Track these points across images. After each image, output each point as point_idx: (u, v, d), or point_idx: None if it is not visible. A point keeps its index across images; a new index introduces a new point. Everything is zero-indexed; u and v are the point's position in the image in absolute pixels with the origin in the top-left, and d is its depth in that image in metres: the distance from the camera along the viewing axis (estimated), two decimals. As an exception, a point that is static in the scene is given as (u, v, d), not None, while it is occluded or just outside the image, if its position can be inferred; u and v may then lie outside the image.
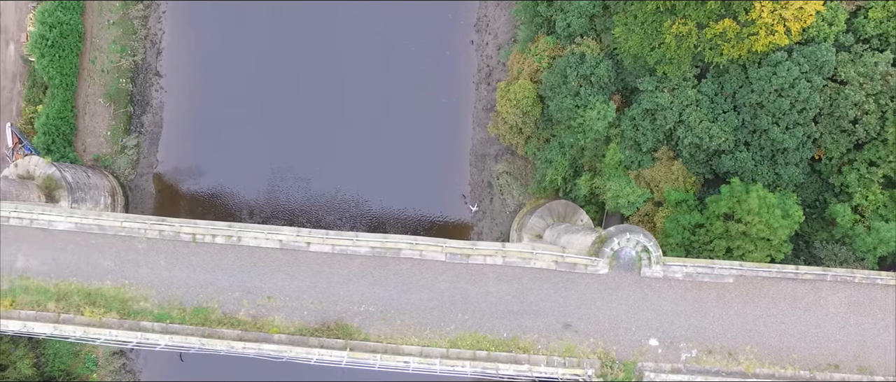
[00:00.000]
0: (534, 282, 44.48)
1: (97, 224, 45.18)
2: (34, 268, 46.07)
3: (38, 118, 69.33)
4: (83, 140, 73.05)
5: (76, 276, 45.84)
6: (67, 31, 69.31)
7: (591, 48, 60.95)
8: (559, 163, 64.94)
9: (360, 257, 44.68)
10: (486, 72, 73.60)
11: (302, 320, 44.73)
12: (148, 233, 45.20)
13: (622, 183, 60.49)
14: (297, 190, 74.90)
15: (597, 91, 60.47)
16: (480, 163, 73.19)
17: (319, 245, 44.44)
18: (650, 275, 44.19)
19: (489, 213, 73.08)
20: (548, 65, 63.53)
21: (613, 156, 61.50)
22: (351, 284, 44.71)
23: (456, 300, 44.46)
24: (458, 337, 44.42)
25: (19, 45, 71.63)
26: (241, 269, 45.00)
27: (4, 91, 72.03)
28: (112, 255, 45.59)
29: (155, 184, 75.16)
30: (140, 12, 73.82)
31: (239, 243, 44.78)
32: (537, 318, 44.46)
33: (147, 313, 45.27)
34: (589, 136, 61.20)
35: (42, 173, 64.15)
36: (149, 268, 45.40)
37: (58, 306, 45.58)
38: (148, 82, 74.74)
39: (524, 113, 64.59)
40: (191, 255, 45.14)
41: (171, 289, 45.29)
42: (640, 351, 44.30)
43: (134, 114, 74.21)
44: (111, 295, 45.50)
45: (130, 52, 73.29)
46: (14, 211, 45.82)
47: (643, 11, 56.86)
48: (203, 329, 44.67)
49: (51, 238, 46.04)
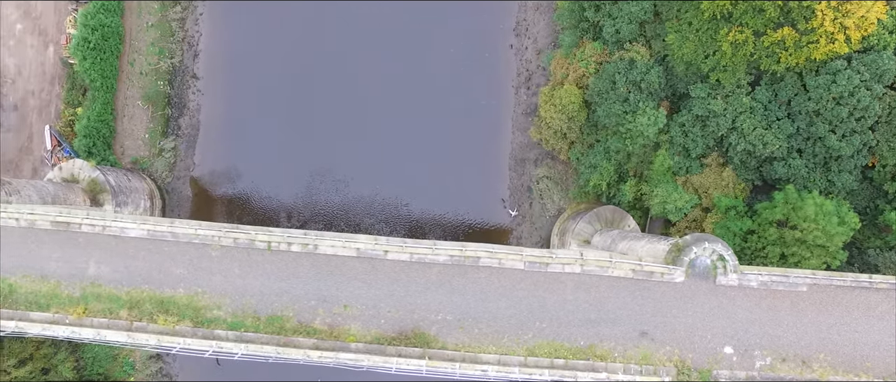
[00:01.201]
0: (611, 290, 44.58)
1: (170, 231, 44.85)
2: (106, 276, 45.67)
3: (79, 121, 68.73)
4: (122, 143, 72.50)
5: (148, 284, 45.47)
6: (109, 34, 68.77)
7: (640, 54, 61.07)
8: (604, 169, 65.03)
9: (439, 265, 44.62)
10: (525, 76, 73.64)
11: (379, 329, 44.59)
12: (222, 241, 44.89)
13: (670, 188, 60.71)
14: (334, 193, 74.66)
15: (646, 97, 60.63)
16: (520, 167, 73.21)
17: (397, 253, 44.32)
18: (725, 284, 44.41)
19: (528, 218, 73.17)
20: (594, 70, 63.61)
21: (662, 162, 61.69)
22: (429, 293, 44.61)
23: (534, 308, 44.48)
24: (535, 346, 44.45)
25: (59, 48, 70.97)
26: (316, 278, 44.78)
27: (43, 93, 71.38)
28: (185, 263, 45.25)
29: (192, 187, 74.72)
30: (178, 14, 73.29)
31: (315, 251, 44.58)
32: (614, 326, 44.56)
33: (221, 322, 44.96)
34: (637, 142, 61.35)
35: (86, 176, 63.69)
36: (222, 276, 45.10)
37: (130, 314, 45.21)
38: (185, 84, 74.24)
39: (570, 118, 64.64)
40: (265, 263, 44.88)
41: (245, 298, 45.01)
42: (715, 359, 44.51)
43: (171, 117, 73.71)
44: (184, 303, 45.16)
45: (168, 54, 72.78)
46: (86, 218, 45.41)
47: (699, 19, 57.07)
48: (278, 338, 44.42)
49: (123, 245, 45.65)
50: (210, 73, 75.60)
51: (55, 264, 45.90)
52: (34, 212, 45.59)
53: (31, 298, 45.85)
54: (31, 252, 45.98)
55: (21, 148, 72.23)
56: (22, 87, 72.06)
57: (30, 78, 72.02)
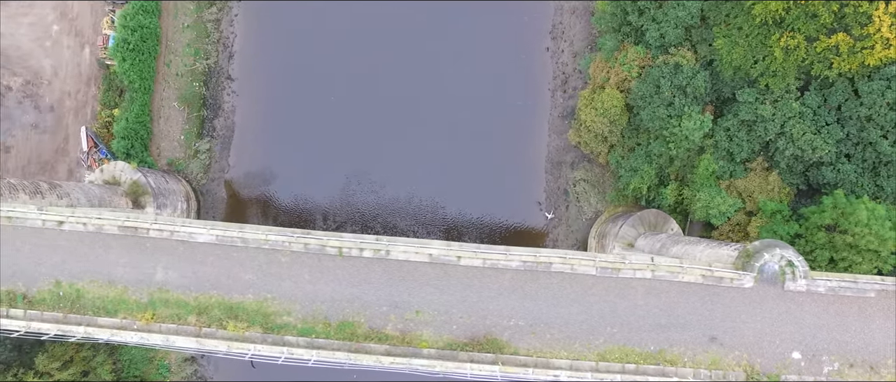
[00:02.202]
0: (680, 296, 44.80)
1: (240, 237, 44.67)
2: (174, 281, 45.43)
3: (117, 122, 68.32)
4: (158, 144, 72.13)
5: (217, 290, 45.26)
6: (147, 35, 68.44)
7: (686, 59, 61.30)
8: (645, 172, 65.25)
9: (511, 271, 44.69)
10: (561, 79, 73.79)
11: (451, 334, 44.61)
12: (292, 246, 44.77)
13: (713, 192, 61.02)
14: (370, 195, 74.62)
15: (691, 101, 60.91)
16: (556, 170, 73.38)
17: (470, 259, 44.35)
18: (793, 289, 44.72)
19: (565, 221, 73.36)
20: (637, 74, 63.80)
21: (707, 166, 61.96)
22: (501, 298, 44.67)
23: (605, 313, 44.64)
24: (606, 351, 44.62)
25: (95, 49, 70.55)
26: (388, 283, 44.73)
27: (79, 94, 70.91)
28: (254, 268, 45.09)
29: (226, 189, 74.49)
30: (213, 15, 72.99)
31: (387, 257, 44.53)
32: (684, 331, 44.79)
33: (291, 327, 44.83)
34: (682, 146, 61.60)
35: (128, 179, 63.39)
36: (292, 282, 44.96)
37: (199, 320, 45.02)
38: (220, 86, 73.96)
39: (611, 121, 64.85)
40: (336, 269, 44.79)
41: (315, 304, 44.90)
42: (783, 364, 44.82)
43: (206, 118, 73.41)
44: (253, 309, 45.01)
45: (204, 55, 72.47)
46: (154, 223, 45.16)
47: (749, 24, 57.41)
48: (350, 345, 44.35)
49: (191, 250, 45.43)
50: (245, 75, 75.34)
51: (122, 269, 45.60)
52: (101, 217, 45.29)
53: (99, 304, 45.54)
54: (98, 257, 45.67)
55: (57, 149, 71.72)
56: (58, 88, 71.52)
57: (66, 79, 71.52)
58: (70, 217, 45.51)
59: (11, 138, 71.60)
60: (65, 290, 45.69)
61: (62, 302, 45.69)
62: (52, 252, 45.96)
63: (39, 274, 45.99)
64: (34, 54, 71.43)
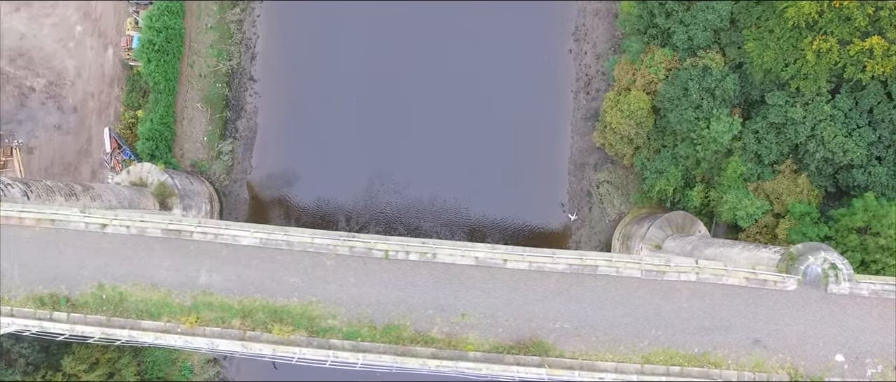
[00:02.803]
0: (724, 298, 44.94)
1: (285, 240, 44.58)
2: (217, 284, 45.30)
3: (141, 124, 68.08)
4: (181, 145, 71.93)
5: (261, 293, 45.16)
6: (172, 36, 68.28)
7: (715, 61, 61.45)
8: (671, 174, 65.43)
9: (557, 274, 44.75)
10: (584, 81, 73.92)
11: (497, 337, 44.64)
12: (338, 250, 44.69)
13: (741, 194, 61.24)
14: (393, 195, 74.60)
15: (719, 104, 61.09)
16: (579, 171, 73.51)
17: (517, 262, 44.39)
18: (837, 292, 44.89)
19: (588, 222, 73.49)
20: (664, 76, 63.89)
21: (735, 168, 62.14)
22: (547, 301, 44.71)
23: (650, 316, 44.74)
24: (651, 353, 44.73)
25: (119, 50, 70.28)
26: (434, 286, 44.71)
27: (102, 95, 70.64)
28: (299, 272, 44.98)
29: (249, 190, 74.31)
30: (236, 16, 72.85)
31: (433, 260, 44.51)
32: (727, 334, 44.93)
33: (336, 331, 44.77)
34: (710, 149, 61.77)
35: (155, 180, 63.20)
36: (337, 285, 44.89)
37: (243, 323, 44.91)
38: (243, 87, 73.82)
39: (638, 123, 64.99)
40: (382, 272, 44.74)
41: (360, 307, 44.85)
42: (826, 367, 45.01)
43: (229, 120, 73.26)
44: (298, 312, 44.91)
45: (227, 56, 72.31)
46: (198, 227, 45.03)
47: (781, 27, 57.62)
48: (396, 348, 44.30)
49: (235, 253, 45.30)
50: (267, 75, 75.24)
51: (165, 272, 45.44)
52: (145, 220, 45.12)
53: (142, 307, 45.38)
54: (141, 260, 45.51)
55: (80, 150, 71.43)
56: (81, 89, 71.21)
57: (89, 80, 71.22)
58: (113, 220, 45.32)
59: (35, 139, 71.28)
60: (108, 293, 45.48)
61: (105, 305, 45.49)
62: (94, 254, 45.76)
63: (82, 276, 45.79)
64: (57, 55, 71.11)
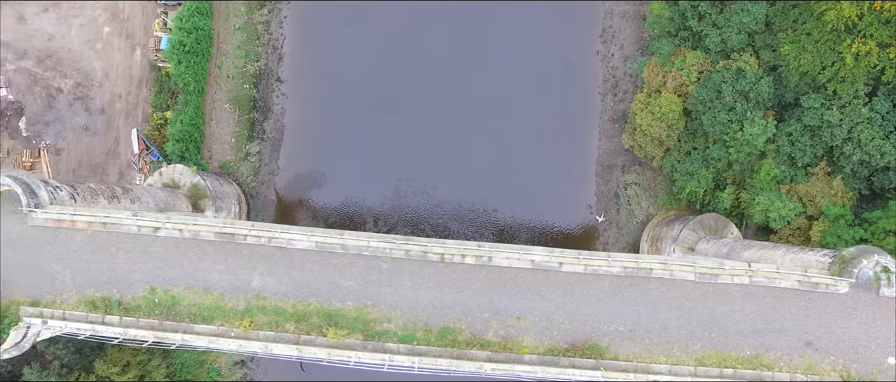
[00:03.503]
0: (776, 301, 45.23)
1: (340, 243, 44.56)
2: (271, 288, 45.21)
3: (171, 125, 67.78)
4: (209, 147, 71.68)
5: (315, 297, 45.09)
6: (202, 37, 68.03)
7: (749, 64, 61.65)
8: (702, 176, 65.67)
9: (611, 277, 44.92)
10: (612, 82, 74.12)
11: (551, 340, 44.76)
12: (393, 253, 44.70)
13: (773, 197, 61.51)
14: (421, 197, 74.60)
15: (753, 106, 61.28)
16: (607, 173, 73.67)
17: (572, 264, 44.55)
18: (889, 295, 45.22)
19: (615, 223, 73.69)
20: (696, 79, 64.07)
21: (768, 170, 62.36)
22: (601, 304, 44.87)
23: (703, 318, 44.97)
24: (704, 355, 44.95)
25: (147, 51, 69.89)
26: (489, 289, 44.79)
27: (130, 96, 70.29)
28: (354, 275, 44.95)
29: (276, 191, 74.13)
30: (263, 17, 72.67)
31: (489, 263, 44.60)
32: (780, 336, 45.20)
33: (391, 334, 44.77)
34: (743, 151, 62.00)
35: (188, 182, 62.98)
36: (393, 289, 44.88)
37: (297, 327, 44.82)
38: (270, 88, 73.63)
39: (669, 125, 65.15)
40: (438, 275, 44.78)
41: (416, 310, 44.85)
42: (878, 370, 45.33)
43: (256, 121, 73.07)
44: (353, 316, 44.88)
45: (254, 57, 72.12)
46: (252, 230, 44.92)
47: (819, 30, 57.88)
48: (452, 351, 44.37)
49: (288, 257, 45.23)
50: (294, 77, 75.10)
51: (218, 276, 45.31)
52: (198, 223, 44.97)
53: (195, 310, 45.23)
54: (193, 263, 45.36)
55: (107, 151, 71.06)
56: (109, 90, 70.85)
57: (117, 81, 70.87)
58: (166, 223, 45.15)
59: (62, 140, 70.85)
60: (160, 297, 45.31)
61: (157, 309, 45.32)
62: (146, 258, 45.60)
63: (134, 280, 45.62)
64: (85, 56, 70.71)
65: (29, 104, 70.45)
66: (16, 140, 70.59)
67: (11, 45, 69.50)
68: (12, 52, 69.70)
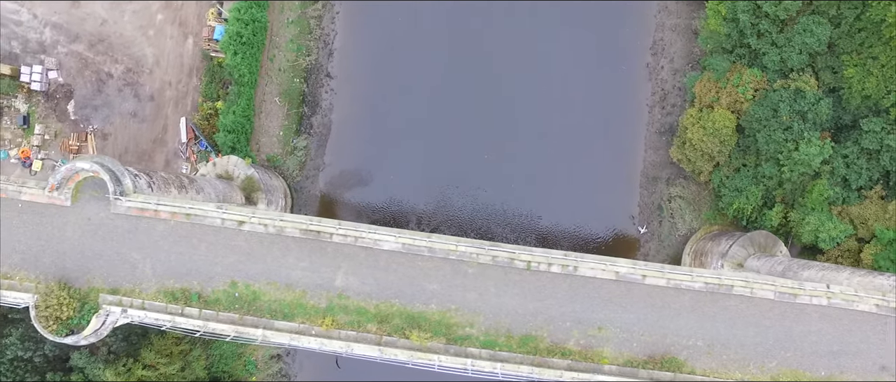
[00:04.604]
0: (853, 323, 45.75)
1: (427, 246, 44.58)
2: (354, 288, 45.15)
3: (223, 115, 67.50)
4: (257, 139, 71.49)
5: (398, 298, 45.09)
6: (258, 29, 67.78)
7: (809, 85, 62.17)
8: (751, 193, 66.18)
9: (692, 292, 45.25)
10: (660, 95, 74.53)
11: (631, 351, 45.05)
12: (480, 259, 44.79)
13: (824, 217, 62.15)
14: (465, 199, 74.80)
15: (810, 127, 61.84)
16: (651, 185, 74.09)
17: (655, 278, 44.82)
18: (962, 322, 45.87)
19: (657, 235, 74.13)
20: (751, 97, 64.54)
21: (821, 191, 62.97)
22: (681, 318, 45.22)
23: (780, 337, 45.41)
24: (779, 374, 45.40)
25: (199, 39, 69.53)
26: (572, 299, 45.00)
27: (180, 84, 69.90)
28: (439, 279, 44.99)
29: (320, 187, 74.01)
30: (317, 11, 72.60)
31: (574, 273, 44.78)
32: (855, 359, 45.73)
33: (473, 340, 44.88)
34: (796, 171, 62.54)
35: (242, 174, 62.81)
36: (477, 294, 44.99)
37: (379, 328, 44.81)
38: (319, 83, 73.53)
39: (721, 141, 65.57)
40: (523, 282, 44.92)
41: (499, 316, 44.99)
42: (949, 396, 46.00)
43: (305, 115, 72.98)
44: (436, 319, 44.93)
45: (306, 51, 72.00)
46: (338, 228, 44.84)
47: (887, 55, 58.51)
48: (532, 358, 44.55)
49: (373, 257, 45.18)
50: (344, 73, 75.02)
51: (301, 273, 45.20)
52: (284, 219, 44.85)
53: (275, 307, 45.11)
54: (276, 259, 45.21)
55: (155, 139, 70.63)
56: (159, 78, 70.39)
57: (167, 69, 70.44)
58: (251, 217, 44.99)
59: (110, 126, 70.33)
60: (241, 291, 45.16)
61: (238, 304, 45.16)
62: (228, 251, 45.40)
63: (215, 273, 45.41)
64: (136, 42, 70.21)
65: (78, 87, 69.86)
66: (64, 123, 69.98)
67: (64, 27, 68.89)
68: (64, 35, 69.06)
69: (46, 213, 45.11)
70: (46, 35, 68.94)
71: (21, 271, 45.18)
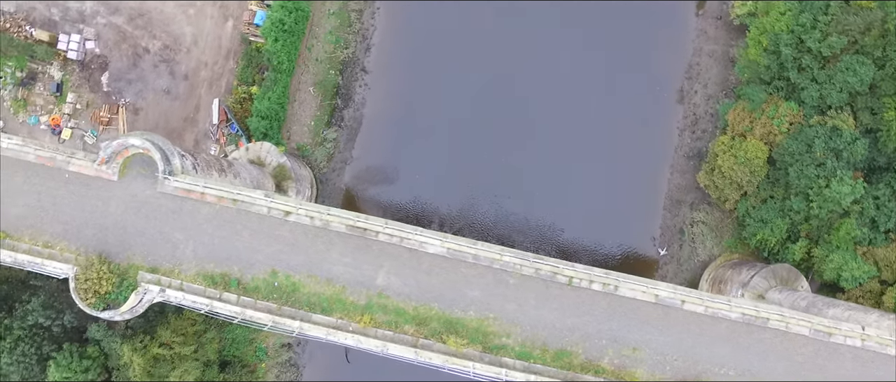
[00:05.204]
0: (884, 366, 46.03)
1: (473, 253, 44.64)
2: (395, 288, 45.18)
3: (259, 101, 67.38)
4: (288, 127, 71.38)
5: (438, 302, 45.15)
6: (300, 18, 67.68)
7: (846, 124, 62.46)
8: (776, 226, 66.41)
9: (729, 321, 45.54)
10: (691, 119, 74.78)
11: (662, 374, 45.25)
12: (523, 270, 44.88)
13: (848, 256, 62.42)
14: (489, 206, 74.87)
15: (844, 165, 62.12)
16: (675, 208, 74.32)
17: (694, 305, 45.06)
18: None
19: (676, 258, 74.38)
20: (786, 130, 64.76)
21: (849, 230, 63.23)
22: (715, 346, 45.45)
23: (812, 374, 45.73)
24: (809, 410, 45.69)
25: (239, 23, 69.34)
26: (610, 318, 45.17)
27: (216, 66, 69.73)
28: (480, 287, 45.08)
29: (345, 180, 73.94)
30: (358, 6, 72.57)
31: (614, 292, 44.95)
32: (884, 401, 46.10)
33: (509, 349, 45.00)
34: (825, 208, 62.81)
35: (274, 162, 62.74)
36: (517, 305, 45.09)
37: (417, 330, 44.85)
38: (354, 77, 73.48)
39: (752, 172, 65.80)
40: (562, 297, 45.06)
41: (536, 329, 45.12)
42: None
43: (337, 107, 72.95)
44: (473, 326, 45.02)
45: (343, 44, 71.89)
46: (385, 227, 44.85)
47: (930, 100, 58.90)
48: (566, 373, 44.67)
49: (417, 259, 45.23)
50: (379, 69, 74.96)
51: (343, 268, 45.20)
52: (331, 213, 44.82)
53: (314, 300, 45.08)
54: (319, 252, 45.20)
55: (186, 118, 70.43)
56: (195, 58, 70.20)
57: (205, 49, 70.24)
58: (298, 209, 44.96)
59: (142, 101, 70.05)
60: (280, 281, 45.11)
61: (276, 293, 45.10)
62: (271, 240, 45.35)
63: (256, 261, 45.36)
64: (176, 20, 69.96)
65: (114, 60, 69.57)
66: (96, 93, 69.69)
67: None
68: (105, 7, 68.77)
69: (92, 186, 44.98)
70: (87, 5, 68.64)
71: (62, 241, 45.02)
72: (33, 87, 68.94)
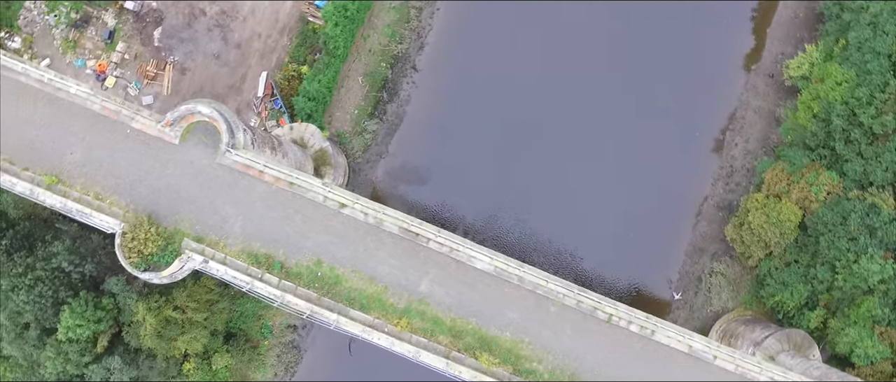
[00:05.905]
0: (900, 452, 46.44)
1: (518, 275, 44.74)
2: (436, 297, 45.22)
3: (308, 81, 67.29)
4: (332, 113, 71.19)
5: (476, 318, 45.22)
6: (362, 6, 67.61)
7: (886, 203, 62.80)
8: (797, 290, 66.66)
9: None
10: (727, 171, 75.05)
11: (682, 425, 45.47)
12: (565, 300, 44.98)
13: (864, 334, 62.79)
14: (514, 223, 74.89)
15: (877, 244, 62.50)
16: (696, 255, 74.57)
17: (725, 362, 45.35)
18: None
19: (689, 305, 74.65)
20: (823, 198, 65.03)
21: (870, 308, 63.53)
22: (740, 406, 45.74)
23: (830, 449, 45.96)
24: None
25: (300, 1, 69.06)
26: (640, 360, 45.46)
27: (270, 40, 69.54)
28: (520, 309, 45.19)
29: (378, 173, 73.90)
30: (419, 3, 72.50)
31: (650, 336, 45.16)
32: None
33: (537, 374, 45.11)
34: (851, 282, 63.15)
35: (317, 145, 62.76)
36: (552, 333, 45.22)
37: (451, 342, 44.89)
38: (403, 73, 73.45)
39: (782, 234, 66.06)
40: (599, 333, 45.24)
41: (568, 359, 45.26)
42: None
43: (382, 101, 72.88)
44: (507, 347, 45.10)
45: (398, 38, 71.83)
46: (436, 234, 44.87)
47: (975, 194, 59.30)
48: (589, 408, 44.87)
49: (462, 272, 45.29)
50: (429, 69, 74.96)
51: (388, 269, 45.20)
52: (386, 213, 44.82)
53: (353, 295, 45.06)
54: (367, 249, 45.19)
55: (231, 86, 70.20)
56: (250, 28, 69.98)
57: (261, 21, 70.05)
58: (355, 203, 44.94)
59: (191, 61, 69.79)
60: (324, 271, 45.07)
61: (318, 283, 45.05)
62: (321, 230, 45.30)
63: (302, 247, 45.30)
64: (238, -13, 69.74)
65: (169, 17, 69.26)
66: (146, 47, 69.39)
67: (172, -46, 68.33)
68: (171, -38, 68.50)
69: (152, 146, 44.86)
70: (153, -43, 68.34)
71: (113, 195, 44.88)
72: (85, 31, 68.55)
